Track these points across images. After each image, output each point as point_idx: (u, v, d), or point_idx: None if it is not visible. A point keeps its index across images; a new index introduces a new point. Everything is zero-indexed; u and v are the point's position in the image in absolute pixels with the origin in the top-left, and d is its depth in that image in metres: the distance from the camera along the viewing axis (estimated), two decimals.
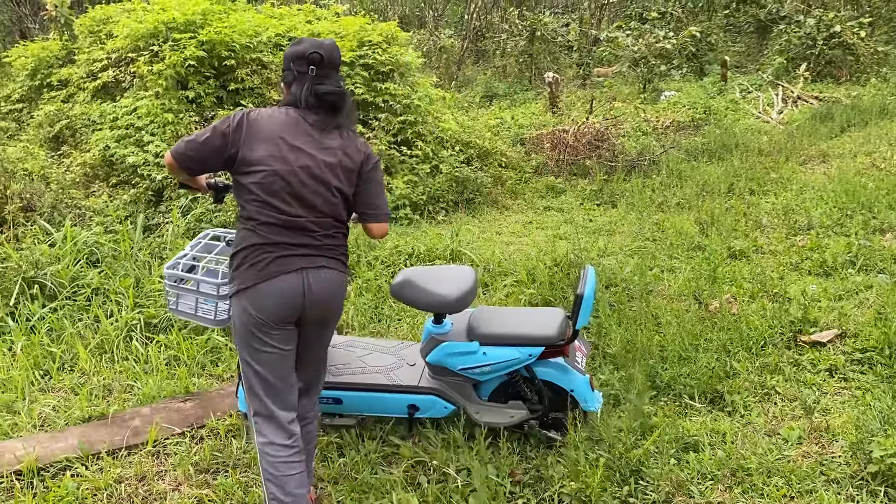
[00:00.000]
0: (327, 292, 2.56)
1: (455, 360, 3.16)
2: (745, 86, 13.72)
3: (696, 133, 10.51)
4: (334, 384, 3.28)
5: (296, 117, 2.53)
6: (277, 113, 2.54)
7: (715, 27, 18.53)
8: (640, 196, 7.49)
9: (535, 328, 3.14)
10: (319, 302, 2.56)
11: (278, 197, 2.47)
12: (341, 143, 2.57)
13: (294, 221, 2.50)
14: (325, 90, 2.51)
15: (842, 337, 4.01)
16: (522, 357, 3.11)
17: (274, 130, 2.49)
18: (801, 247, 5.67)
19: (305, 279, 2.50)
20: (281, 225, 2.49)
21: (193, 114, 7.02)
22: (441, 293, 3.11)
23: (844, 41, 13.97)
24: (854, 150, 9.05)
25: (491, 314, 3.32)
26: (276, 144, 2.47)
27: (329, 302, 2.61)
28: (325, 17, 9.07)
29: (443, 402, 3.24)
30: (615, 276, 5.15)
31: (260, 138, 2.47)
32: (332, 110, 2.55)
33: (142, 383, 3.92)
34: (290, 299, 2.50)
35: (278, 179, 2.46)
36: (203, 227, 5.92)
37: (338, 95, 2.54)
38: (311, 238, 2.53)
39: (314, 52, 2.51)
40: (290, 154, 2.48)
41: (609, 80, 14.46)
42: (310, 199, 2.51)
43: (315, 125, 2.53)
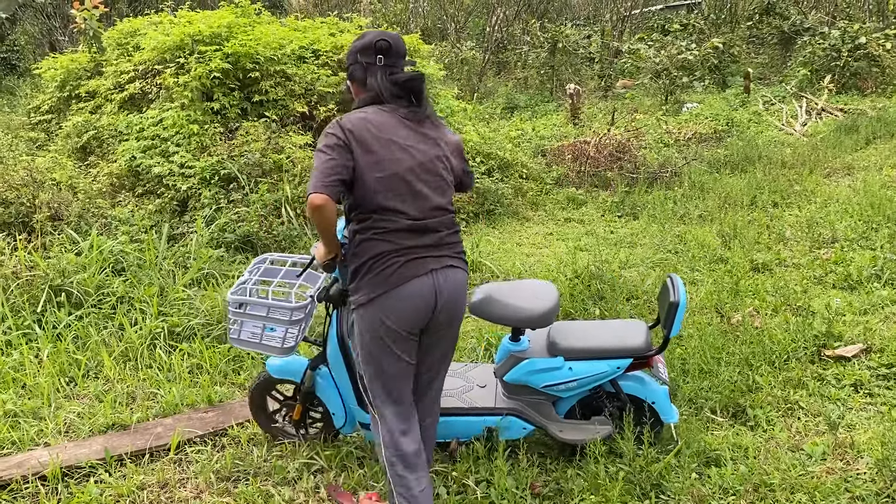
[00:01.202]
0: (456, 293, 2.52)
1: (538, 378, 3.09)
2: (768, 97, 13.63)
3: (719, 145, 10.45)
4: None
5: (390, 114, 2.48)
6: (371, 115, 2.46)
7: (738, 39, 18.43)
8: (662, 208, 7.46)
9: (623, 340, 3.09)
10: (449, 304, 2.51)
11: (400, 199, 2.43)
12: (437, 132, 2.55)
13: (418, 224, 2.45)
14: (404, 77, 2.49)
15: (867, 352, 3.96)
16: (610, 370, 3.04)
17: (377, 133, 2.43)
18: (826, 260, 5.61)
19: (436, 281, 2.45)
20: (406, 229, 2.44)
21: (218, 125, 7.11)
22: (527, 308, 3.06)
23: (870, 52, 13.84)
24: (880, 162, 8.95)
25: (572, 328, 3.25)
26: (386, 147, 2.43)
27: (458, 303, 2.56)
28: (348, 29, 9.16)
29: (521, 422, 3.17)
30: (636, 289, 5.13)
31: (366, 142, 2.41)
32: (415, 96, 2.52)
33: (165, 391, 3.96)
34: (423, 303, 2.45)
35: (398, 181, 2.43)
36: (226, 237, 5.99)
37: (418, 80, 2.51)
38: (436, 237, 2.48)
39: (381, 39, 2.48)
40: (402, 153, 2.45)
41: (631, 92, 14.43)
42: (430, 195, 2.47)
43: (408, 118, 2.50)
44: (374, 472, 3.16)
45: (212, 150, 6.82)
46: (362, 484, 3.12)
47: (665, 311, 3.02)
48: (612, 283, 5.14)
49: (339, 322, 3.01)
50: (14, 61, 16.88)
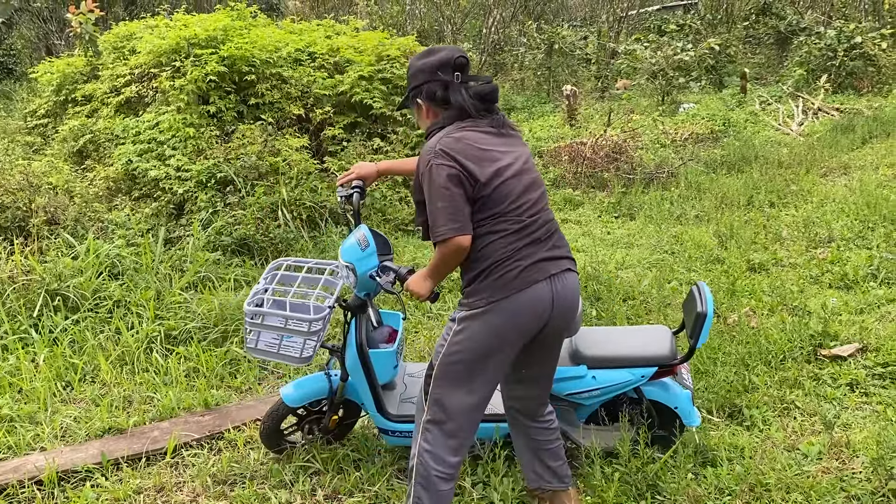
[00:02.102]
0: (573, 299, 2.50)
1: (561, 386, 3.04)
2: (764, 98, 13.64)
3: (715, 145, 10.46)
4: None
5: (477, 128, 2.47)
6: (464, 133, 2.43)
7: (734, 39, 18.45)
8: (659, 209, 7.46)
9: (647, 349, 3.05)
10: (567, 310, 2.48)
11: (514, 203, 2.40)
12: (518, 137, 2.58)
13: (533, 224, 2.43)
14: (487, 90, 2.49)
15: (863, 351, 3.96)
16: (634, 379, 3.01)
17: (480, 149, 2.41)
18: (822, 260, 5.62)
19: (553, 286, 2.41)
20: (524, 228, 2.41)
21: (214, 128, 7.11)
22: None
23: (866, 52, 13.87)
24: (876, 161, 8.96)
25: (595, 336, 3.19)
26: (488, 156, 2.41)
27: (575, 310, 2.54)
28: (344, 32, 9.17)
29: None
30: (633, 290, 5.13)
31: (475, 160, 2.37)
32: (491, 107, 2.53)
33: (161, 395, 3.96)
34: (541, 310, 2.41)
35: (509, 186, 2.40)
36: (223, 240, 5.99)
37: (496, 91, 2.52)
38: (550, 239, 2.47)
39: (460, 56, 2.48)
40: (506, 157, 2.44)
41: (628, 93, 14.44)
42: (536, 197, 2.47)
43: (493, 126, 2.49)
44: (370, 475, 3.16)
45: (208, 153, 6.82)
46: (358, 486, 3.12)
47: (692, 321, 2.97)
48: (609, 283, 5.14)
49: (357, 330, 3.01)
50: (10, 65, 16.89)
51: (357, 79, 7.66)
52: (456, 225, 2.32)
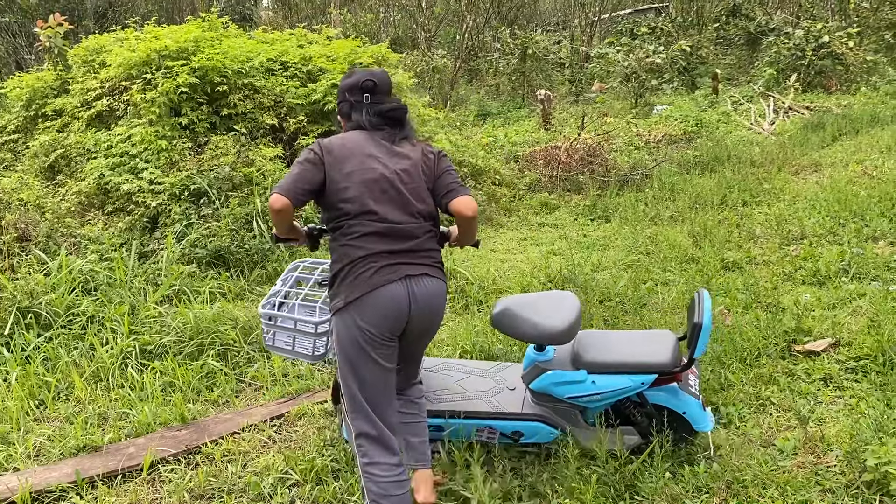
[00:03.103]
0: (431, 302, 2.60)
1: (562, 389, 3.07)
2: (736, 98, 13.81)
3: (689, 146, 10.57)
4: (434, 411, 3.21)
5: (367, 135, 2.69)
6: (349, 135, 2.69)
7: (705, 41, 18.69)
8: (634, 210, 7.52)
9: (648, 355, 3.04)
10: (424, 312, 2.60)
11: (374, 205, 2.56)
12: (413, 149, 2.72)
13: (390, 227, 2.57)
14: (387, 108, 2.69)
15: (836, 346, 4.01)
16: (634, 385, 3.00)
17: (351, 148, 2.64)
18: (795, 256, 5.69)
19: (410, 288, 2.54)
20: (378, 233, 2.55)
21: (187, 140, 7.06)
22: (546, 324, 3.02)
23: (833, 51, 14.09)
24: (846, 158, 9.09)
25: (597, 340, 3.21)
26: (359, 160, 2.61)
27: (434, 313, 2.66)
28: (316, 41, 9.15)
29: (548, 427, 3.16)
30: (609, 291, 5.16)
31: (342, 157, 2.61)
32: (397, 124, 2.73)
33: (137, 410, 3.91)
34: (397, 310, 2.54)
35: (370, 190, 2.57)
36: (198, 252, 5.95)
37: (400, 110, 2.72)
38: (408, 243, 2.58)
39: (367, 79, 2.69)
40: (375, 163, 2.61)
41: (602, 96, 14.55)
42: (402, 203, 2.60)
43: (384, 138, 2.69)
44: (348, 485, 3.14)
45: (181, 165, 6.77)
46: (337, 497, 3.10)
47: (690, 330, 2.99)
48: (585, 286, 5.17)
49: None
50: None
51: (330, 87, 7.64)
52: (283, 188, 2.54)
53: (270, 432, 3.70)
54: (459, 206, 2.63)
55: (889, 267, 5.27)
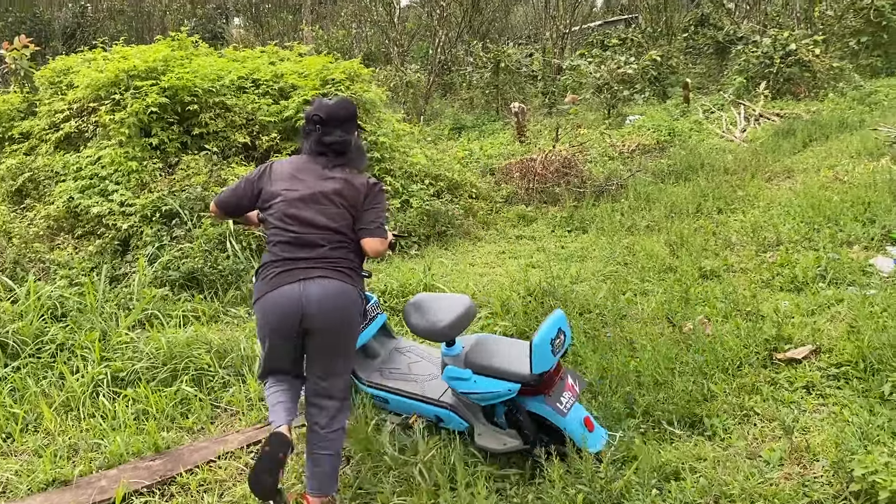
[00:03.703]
0: (324, 300, 2.90)
1: (455, 384, 3.26)
2: (707, 106, 13.95)
3: (662, 155, 10.62)
4: (381, 385, 3.62)
5: (307, 159, 3.09)
6: (294, 158, 3.14)
7: (675, 50, 18.91)
8: (610, 221, 7.52)
9: (514, 364, 3.13)
10: (315, 311, 2.89)
11: (288, 219, 2.97)
12: (343, 176, 3.04)
13: (299, 237, 2.95)
14: (330, 140, 3.03)
15: (817, 352, 4.00)
16: (503, 391, 3.11)
17: (288, 170, 3.06)
18: (772, 263, 5.70)
19: (301, 288, 2.88)
20: (288, 241, 2.96)
21: (157, 160, 6.95)
22: (429, 322, 3.26)
23: (801, 59, 14.30)
24: (817, 164, 9.18)
25: (487, 344, 3.38)
26: (288, 180, 3.02)
27: (328, 311, 2.92)
28: (288, 57, 9.10)
29: (458, 418, 3.38)
30: (588, 303, 5.13)
31: (277, 177, 3.05)
32: (337, 154, 3.06)
33: (109, 440, 3.79)
34: (288, 308, 2.89)
35: (286, 205, 2.97)
36: (170, 275, 5.84)
37: (340, 143, 3.05)
38: (311, 251, 2.94)
39: (315, 114, 3.05)
40: (299, 184, 3.00)
41: (575, 108, 14.63)
42: (314, 218, 2.96)
43: (320, 164, 3.05)
44: None
45: (152, 186, 6.66)
46: None
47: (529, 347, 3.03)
48: (565, 298, 5.13)
49: None
50: None
51: (302, 103, 7.58)
52: (218, 198, 3.20)
53: (248, 459, 3.60)
54: (364, 246, 3.05)
55: (865, 271, 5.30)
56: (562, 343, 3.07)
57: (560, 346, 3.06)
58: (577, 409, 3.14)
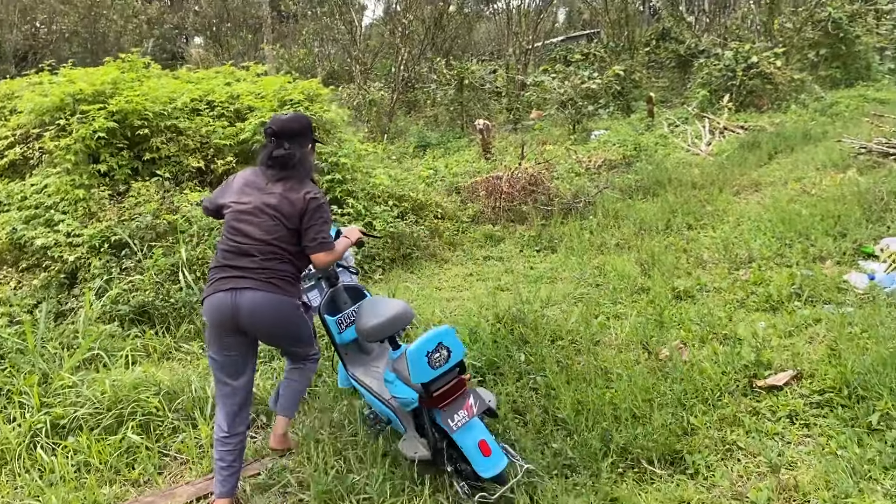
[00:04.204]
0: (254, 312, 3.13)
1: (387, 386, 3.33)
2: (672, 120, 13.94)
3: (629, 170, 10.52)
4: (358, 379, 3.68)
5: (257, 171, 3.32)
6: (248, 171, 3.37)
7: (638, 65, 18.98)
8: (579, 239, 7.35)
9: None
10: (247, 319, 3.14)
11: (231, 229, 3.21)
12: (283, 189, 3.21)
13: (237, 247, 3.18)
14: (276, 154, 3.23)
15: (798, 378, 3.84)
16: (409, 398, 3.14)
17: (240, 183, 3.30)
18: (745, 281, 5.56)
19: (233, 298, 3.12)
20: (228, 250, 3.20)
21: (106, 188, 6.63)
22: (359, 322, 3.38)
23: (762, 71, 14.39)
24: (784, 176, 9.15)
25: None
26: (237, 192, 3.27)
27: (258, 320, 3.16)
28: (244, 78, 8.83)
29: (398, 420, 3.42)
30: (560, 329, 4.92)
31: (231, 190, 3.31)
32: (281, 167, 3.23)
33: (45, 499, 3.47)
34: (221, 314, 3.15)
35: (232, 216, 3.22)
36: (120, 309, 5.52)
37: (283, 157, 3.22)
38: (246, 260, 3.16)
39: (269, 126, 3.30)
40: (244, 197, 3.23)
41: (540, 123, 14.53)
42: (251, 230, 3.17)
43: (268, 177, 3.25)
44: None
45: (101, 215, 6.33)
46: None
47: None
48: (535, 324, 4.92)
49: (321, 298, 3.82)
50: None
51: (258, 125, 7.32)
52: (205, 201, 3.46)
53: None
54: (313, 261, 3.30)
55: (839, 288, 5.19)
56: (444, 359, 2.99)
57: (441, 361, 2.99)
58: (470, 429, 3.04)
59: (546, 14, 24.12)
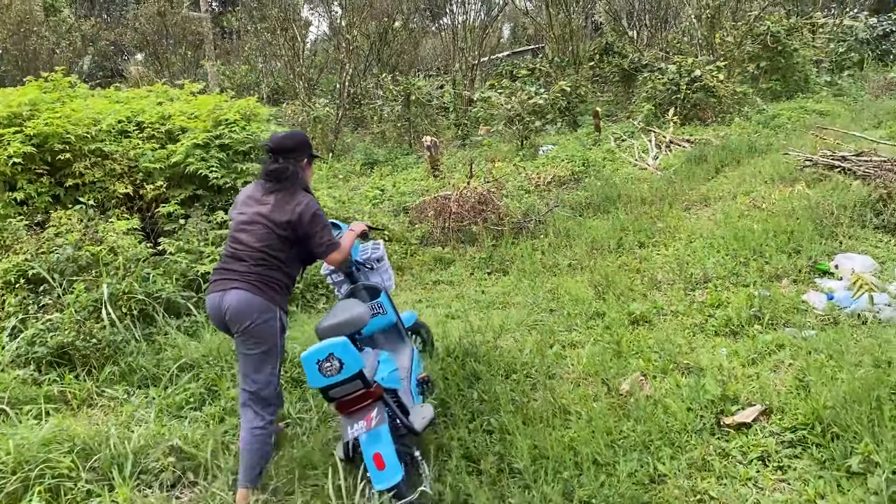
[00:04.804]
0: (235, 309, 3.42)
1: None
2: (618, 134, 13.90)
3: (578, 186, 10.36)
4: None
5: (256, 185, 3.70)
6: (250, 186, 3.77)
7: (583, 79, 19.00)
8: (531, 260, 7.10)
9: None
10: (231, 317, 3.44)
11: (230, 238, 3.61)
12: (275, 201, 3.54)
13: (233, 253, 3.55)
14: (270, 168, 3.60)
15: (766, 413, 3.62)
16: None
17: (242, 197, 3.69)
18: (702, 303, 5.38)
19: (221, 298, 3.45)
20: (227, 255, 3.59)
21: (23, 217, 6.13)
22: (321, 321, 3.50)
23: (706, 84, 14.47)
24: (732, 190, 9.07)
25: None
26: (240, 205, 3.65)
27: (238, 318, 3.44)
28: (178, 97, 8.39)
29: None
30: (515, 361, 4.64)
31: (236, 204, 3.70)
32: (276, 180, 3.57)
33: None
34: (214, 312, 3.52)
35: (233, 226, 3.62)
36: (36, 351, 5.04)
37: (276, 170, 3.57)
38: (239, 265, 3.50)
39: (266, 144, 3.67)
40: (243, 207, 3.62)
41: (488, 139, 14.35)
42: (245, 238, 3.53)
43: (265, 190, 3.60)
44: None
45: (16, 248, 5.83)
46: None
47: None
48: (488, 358, 4.62)
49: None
50: None
51: (192, 147, 6.90)
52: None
53: None
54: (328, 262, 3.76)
55: (798, 309, 5.03)
56: (335, 369, 3.09)
57: (333, 371, 3.09)
58: (373, 440, 3.16)
59: (491, 29, 24.08)
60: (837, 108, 13.99)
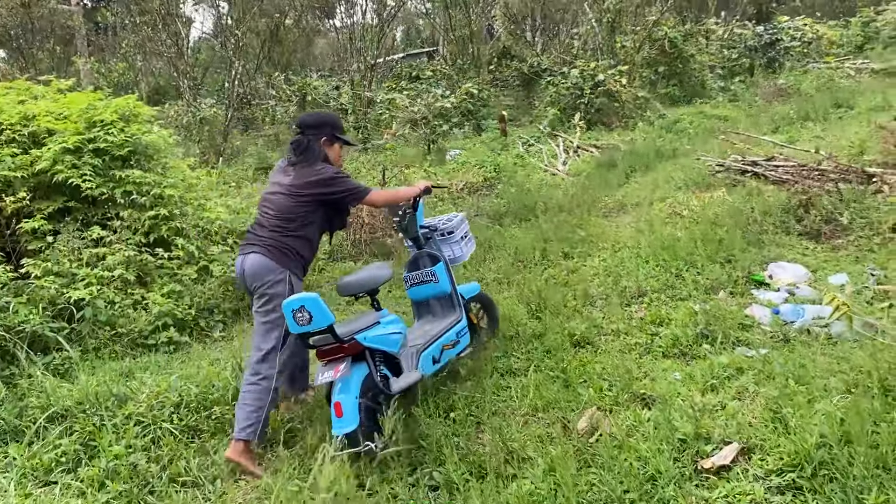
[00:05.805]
0: (251, 271, 3.78)
1: None
2: (525, 139, 13.65)
3: (492, 193, 9.95)
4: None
5: (283, 159, 4.10)
6: (280, 161, 4.14)
7: (483, 83, 18.74)
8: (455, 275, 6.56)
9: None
10: (248, 277, 3.81)
11: (260, 207, 3.99)
12: (296, 172, 3.91)
13: (259, 220, 3.95)
14: (293, 140, 4.00)
15: (745, 452, 3.21)
16: None
17: (273, 171, 4.12)
18: (642, 320, 5.02)
19: (244, 260, 3.82)
20: (255, 222, 3.97)
21: None
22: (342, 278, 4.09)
23: (609, 89, 14.45)
24: (648, 196, 8.89)
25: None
26: (271, 176, 4.09)
27: (252, 277, 3.78)
28: (44, 95, 7.34)
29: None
30: (453, 394, 4.09)
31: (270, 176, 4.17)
32: (295, 152, 3.96)
33: None
34: (239, 273, 3.88)
35: (263, 198, 4.01)
36: None
37: (294, 143, 3.98)
38: (260, 230, 3.87)
39: (294, 123, 4.13)
40: (272, 179, 4.04)
41: (391, 143, 13.75)
42: (268, 207, 3.92)
43: (287, 163, 4.00)
44: None
45: None
46: None
47: None
48: (423, 394, 4.04)
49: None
50: None
51: (60, 152, 5.96)
52: None
53: None
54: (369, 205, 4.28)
55: (743, 325, 4.74)
56: (306, 320, 3.36)
57: (304, 321, 3.36)
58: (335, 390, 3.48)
59: (389, 29, 23.50)
60: (735, 114, 14.28)
